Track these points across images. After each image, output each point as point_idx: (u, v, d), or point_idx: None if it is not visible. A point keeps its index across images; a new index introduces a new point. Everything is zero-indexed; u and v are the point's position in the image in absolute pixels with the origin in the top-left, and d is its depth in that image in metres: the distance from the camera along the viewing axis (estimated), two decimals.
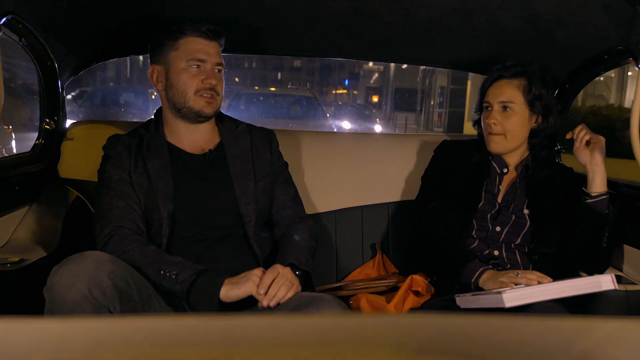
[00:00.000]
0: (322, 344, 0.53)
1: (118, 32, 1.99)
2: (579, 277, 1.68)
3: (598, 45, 1.83)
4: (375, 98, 21.11)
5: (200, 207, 1.58)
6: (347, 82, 23.15)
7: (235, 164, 1.64)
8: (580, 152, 1.67)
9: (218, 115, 1.71)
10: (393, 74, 20.68)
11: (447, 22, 1.90)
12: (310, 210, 1.98)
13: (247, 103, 10.14)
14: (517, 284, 1.46)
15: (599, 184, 1.66)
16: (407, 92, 19.99)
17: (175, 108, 1.62)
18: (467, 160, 1.83)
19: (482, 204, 1.77)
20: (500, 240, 1.76)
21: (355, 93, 22.46)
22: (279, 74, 23.44)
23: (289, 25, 2.02)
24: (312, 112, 10.58)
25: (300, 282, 1.47)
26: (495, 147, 1.77)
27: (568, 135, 1.73)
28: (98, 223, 1.52)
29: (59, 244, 1.84)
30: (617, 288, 1.43)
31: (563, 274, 1.61)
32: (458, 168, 1.82)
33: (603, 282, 1.42)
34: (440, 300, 1.67)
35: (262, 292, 1.36)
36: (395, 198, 2.10)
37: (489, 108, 1.77)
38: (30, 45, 1.74)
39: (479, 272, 1.58)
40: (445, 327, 0.55)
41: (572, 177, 1.85)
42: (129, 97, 14.06)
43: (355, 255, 2.05)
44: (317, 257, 1.67)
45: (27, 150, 1.96)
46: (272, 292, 1.36)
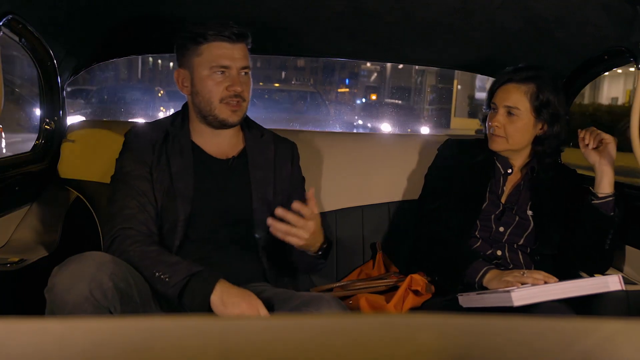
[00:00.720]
0: (321, 344, 0.53)
1: (118, 32, 1.99)
2: (583, 277, 1.69)
3: (598, 45, 1.83)
4: (374, 96, 21.56)
5: (216, 212, 1.56)
6: (347, 81, 23.65)
7: (257, 174, 1.62)
8: (590, 152, 1.66)
9: (245, 121, 1.67)
10: (390, 74, 21.56)
11: (447, 22, 1.90)
12: None
13: (256, 98, 10.22)
14: (523, 284, 1.46)
15: (607, 185, 1.65)
16: (402, 90, 21.02)
17: (201, 114, 1.58)
18: (471, 160, 1.82)
19: (486, 204, 1.77)
20: (504, 241, 1.76)
21: (355, 92, 22.88)
22: (283, 73, 23.68)
23: (289, 25, 2.02)
24: (314, 107, 10.70)
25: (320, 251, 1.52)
26: (496, 146, 1.77)
27: (580, 134, 1.69)
28: (108, 221, 1.50)
29: (59, 244, 1.84)
30: (624, 289, 1.43)
31: (564, 274, 1.61)
32: (462, 168, 1.82)
33: (610, 282, 1.43)
34: (442, 300, 1.66)
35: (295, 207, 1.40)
36: (396, 198, 2.10)
37: (495, 109, 1.76)
38: (30, 45, 1.74)
39: (483, 271, 1.58)
40: (445, 327, 0.55)
41: (575, 178, 1.85)
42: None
43: (356, 255, 2.05)
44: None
45: (27, 151, 1.96)
46: (299, 233, 1.41)
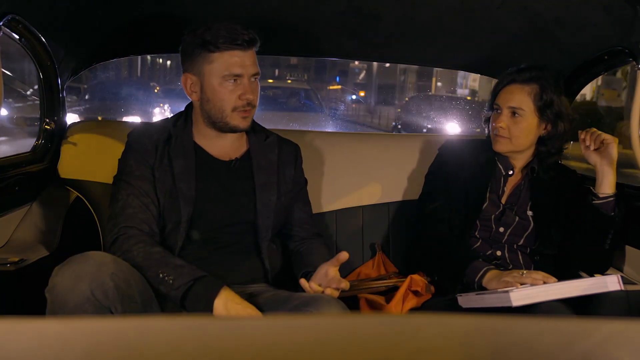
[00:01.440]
0: (321, 344, 0.53)
1: (118, 32, 1.99)
2: (583, 277, 1.69)
3: (598, 45, 1.83)
4: (362, 93, 22.86)
5: (219, 214, 1.56)
6: (338, 78, 24.52)
7: (261, 177, 1.61)
8: (590, 153, 1.66)
9: None
10: (376, 72, 22.82)
11: (447, 22, 1.90)
12: None
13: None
14: (522, 284, 1.47)
15: (608, 186, 1.65)
16: (388, 87, 22.58)
17: (210, 120, 1.56)
18: (472, 161, 1.83)
19: (486, 205, 1.77)
20: (503, 241, 1.76)
21: (346, 89, 23.75)
22: (277, 71, 24.03)
23: (289, 25, 2.02)
24: (309, 104, 10.82)
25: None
26: (500, 147, 1.77)
27: (581, 136, 1.69)
28: (110, 220, 1.50)
29: (59, 244, 1.84)
30: (623, 289, 1.43)
31: (564, 274, 1.61)
32: (463, 168, 1.82)
33: (609, 282, 1.43)
34: (442, 300, 1.67)
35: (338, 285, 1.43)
36: (396, 198, 2.10)
37: (498, 110, 1.76)
38: (30, 45, 1.74)
39: (483, 271, 1.58)
40: (445, 327, 0.55)
41: (576, 178, 1.85)
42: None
43: (355, 255, 2.05)
44: None
45: (27, 151, 1.96)
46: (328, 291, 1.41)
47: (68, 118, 2.06)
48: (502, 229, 1.76)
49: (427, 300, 1.70)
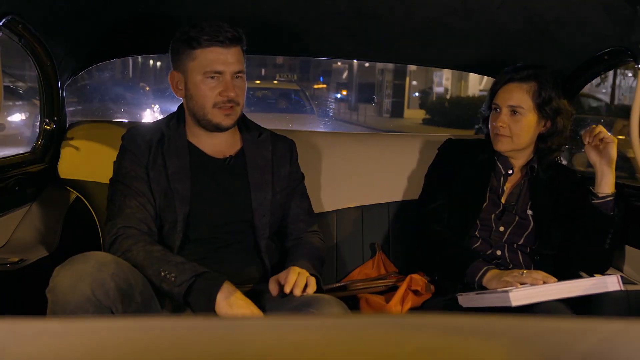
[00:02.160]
0: (322, 344, 0.53)
1: (118, 32, 1.99)
2: (583, 277, 1.69)
3: (598, 45, 1.83)
4: (344, 92, 23.85)
5: (216, 213, 1.56)
6: (321, 78, 25.32)
7: (255, 175, 1.61)
8: (591, 151, 1.66)
9: (242, 120, 1.67)
10: (357, 72, 23.89)
11: (447, 22, 1.90)
12: None
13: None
14: (522, 284, 1.47)
15: (607, 185, 1.65)
16: (368, 86, 23.67)
17: (195, 117, 1.57)
18: (472, 160, 1.83)
19: (486, 204, 1.77)
20: (503, 241, 1.76)
21: (329, 88, 25.02)
22: (263, 70, 24.28)
23: (289, 25, 2.02)
24: (298, 101, 10.85)
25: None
26: (502, 146, 1.77)
27: (584, 136, 1.69)
28: (109, 221, 1.50)
29: (59, 244, 1.84)
30: (622, 289, 1.43)
31: (564, 274, 1.61)
32: (463, 168, 1.82)
33: (609, 282, 1.42)
34: (442, 300, 1.67)
35: (287, 290, 1.37)
36: (396, 198, 2.10)
37: (498, 110, 1.76)
38: (30, 46, 1.74)
39: (483, 271, 1.58)
40: (445, 327, 0.55)
41: (575, 178, 1.85)
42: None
43: (355, 255, 2.05)
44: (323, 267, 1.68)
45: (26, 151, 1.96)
46: (300, 282, 1.37)
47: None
48: (502, 229, 1.76)
49: (427, 300, 1.70)
